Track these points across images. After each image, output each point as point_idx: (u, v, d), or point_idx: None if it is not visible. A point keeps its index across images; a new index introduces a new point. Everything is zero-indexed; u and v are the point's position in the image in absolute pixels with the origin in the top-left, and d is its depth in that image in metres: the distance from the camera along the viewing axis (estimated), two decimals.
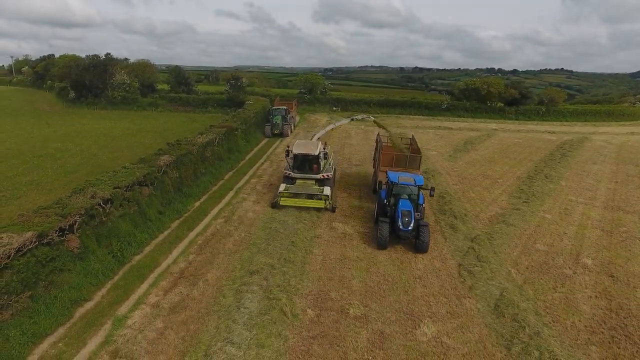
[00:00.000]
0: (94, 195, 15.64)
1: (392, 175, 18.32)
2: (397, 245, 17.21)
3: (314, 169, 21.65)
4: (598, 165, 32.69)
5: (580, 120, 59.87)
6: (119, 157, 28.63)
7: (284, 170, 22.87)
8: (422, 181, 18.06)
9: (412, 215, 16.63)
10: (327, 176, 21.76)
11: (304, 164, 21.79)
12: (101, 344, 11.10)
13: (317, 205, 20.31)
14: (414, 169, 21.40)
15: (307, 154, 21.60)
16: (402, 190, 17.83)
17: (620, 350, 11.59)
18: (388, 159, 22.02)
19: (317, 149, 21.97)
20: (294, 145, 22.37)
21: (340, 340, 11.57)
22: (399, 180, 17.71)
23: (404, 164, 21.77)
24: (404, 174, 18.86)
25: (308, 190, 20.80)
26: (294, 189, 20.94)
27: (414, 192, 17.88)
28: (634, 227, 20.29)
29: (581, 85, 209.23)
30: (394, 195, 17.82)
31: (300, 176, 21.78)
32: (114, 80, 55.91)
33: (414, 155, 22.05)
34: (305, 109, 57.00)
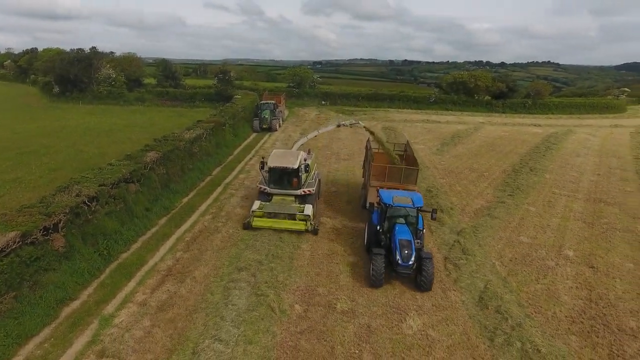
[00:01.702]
0: (79, 193, 15.50)
1: (386, 195, 15.41)
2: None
3: (294, 183, 18.83)
4: (581, 158, 33.27)
5: (566, 113, 60.65)
6: (105, 153, 28.30)
7: (258, 184, 19.90)
8: (421, 201, 15.11)
9: (412, 245, 13.91)
10: (309, 192, 19.02)
11: (281, 178, 18.98)
12: (88, 344, 11.09)
13: (296, 227, 17.55)
14: (411, 184, 18.32)
15: (285, 167, 18.64)
16: (397, 213, 15.09)
17: (599, 339, 11.94)
18: (379, 172, 18.90)
19: (297, 160, 18.80)
20: (270, 157, 19.37)
21: (328, 335, 11.73)
22: (393, 201, 14.91)
23: (398, 178, 18.52)
24: (399, 192, 16.01)
25: (286, 209, 18.06)
26: (270, 208, 18.19)
27: (412, 215, 15.12)
28: (614, 219, 20.76)
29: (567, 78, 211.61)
30: (388, 219, 15.06)
31: (278, 192, 19.08)
32: (100, 74, 55.06)
33: (410, 168, 18.80)
34: (294, 103, 56.81)
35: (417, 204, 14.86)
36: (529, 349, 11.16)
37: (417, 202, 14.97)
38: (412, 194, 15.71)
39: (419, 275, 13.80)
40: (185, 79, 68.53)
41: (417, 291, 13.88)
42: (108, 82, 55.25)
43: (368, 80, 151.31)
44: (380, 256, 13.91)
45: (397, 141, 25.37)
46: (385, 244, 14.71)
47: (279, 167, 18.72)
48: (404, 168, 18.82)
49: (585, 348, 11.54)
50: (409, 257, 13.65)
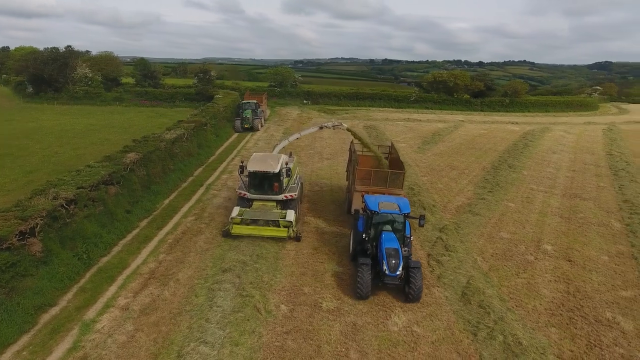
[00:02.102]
0: (57, 196, 15.10)
1: (371, 201, 14.76)
2: None
3: (275, 188, 18.08)
4: (557, 155, 34.18)
5: (542, 111, 62.24)
6: (82, 155, 27.65)
7: (237, 190, 19.11)
8: (408, 207, 14.53)
9: (400, 254, 13.21)
10: (291, 197, 18.26)
11: (262, 182, 18.21)
12: (68, 351, 10.81)
13: (278, 234, 16.85)
14: (397, 188, 17.80)
15: (265, 171, 17.85)
16: (384, 219, 14.39)
17: (577, 330, 12.30)
18: (364, 176, 18.25)
19: (278, 164, 18.00)
20: (249, 160, 18.43)
21: (314, 334, 11.74)
22: (379, 207, 14.24)
23: (384, 181, 17.92)
24: (385, 197, 15.39)
25: (267, 216, 17.25)
26: (250, 214, 17.33)
27: (398, 221, 14.40)
28: (589, 214, 21.42)
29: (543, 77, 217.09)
30: (374, 226, 14.36)
31: (258, 197, 18.28)
32: (76, 74, 53.69)
33: (396, 172, 18.12)
34: (276, 103, 56.63)
35: (404, 210, 14.24)
36: (511, 342, 11.42)
37: (404, 208, 14.35)
38: (398, 200, 15.10)
39: (407, 285, 13.17)
40: (164, 79, 67.55)
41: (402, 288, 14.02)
42: (84, 81, 53.96)
43: (349, 79, 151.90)
44: (366, 266, 13.19)
45: (381, 143, 25.46)
46: (371, 252, 13.99)
47: (259, 171, 17.90)
48: (390, 172, 18.07)
49: (565, 339, 11.87)
50: (396, 267, 12.96)
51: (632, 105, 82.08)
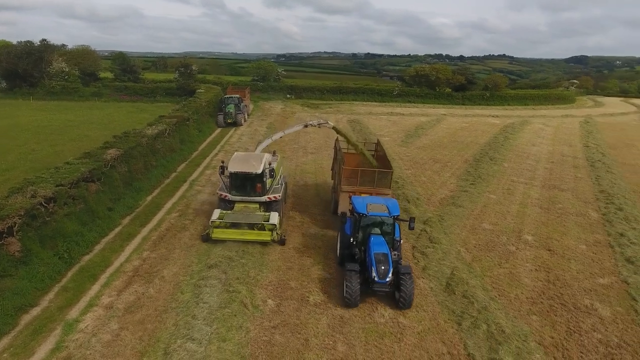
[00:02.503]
0: (35, 195, 14.72)
1: (359, 203, 14.09)
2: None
3: (258, 189, 17.33)
4: (537, 147, 34.94)
5: (521, 104, 63.39)
6: (61, 152, 26.96)
7: (217, 191, 18.20)
8: (397, 209, 13.89)
9: (389, 259, 12.65)
10: (275, 198, 17.55)
11: (244, 184, 17.41)
12: (51, 351, 10.59)
13: (261, 238, 16.05)
14: (385, 187, 17.30)
15: (248, 172, 17.07)
16: (372, 222, 13.80)
17: (557, 317, 12.67)
18: (351, 175, 17.63)
19: (261, 164, 17.21)
20: (230, 160, 17.67)
21: (302, 328, 11.79)
22: (368, 210, 13.61)
23: (371, 181, 17.36)
24: (373, 199, 14.75)
25: (250, 219, 16.43)
26: (232, 217, 16.47)
27: (388, 223, 13.86)
28: (568, 204, 22.00)
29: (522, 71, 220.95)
30: (362, 229, 13.75)
31: (240, 199, 17.51)
32: (52, 68, 52.14)
33: (383, 171, 17.58)
34: (259, 97, 56.17)
35: (393, 212, 13.61)
36: (494, 331, 11.69)
37: (394, 210, 13.71)
38: (387, 201, 14.47)
39: (398, 292, 12.58)
40: (144, 73, 66.24)
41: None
42: (61, 76, 52.45)
43: (332, 73, 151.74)
44: (354, 273, 12.51)
45: (365, 137, 25.31)
46: (359, 257, 13.35)
47: (240, 172, 17.09)
48: (377, 171, 17.49)
49: (545, 327, 12.22)
50: (385, 273, 12.38)
51: (607, 98, 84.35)
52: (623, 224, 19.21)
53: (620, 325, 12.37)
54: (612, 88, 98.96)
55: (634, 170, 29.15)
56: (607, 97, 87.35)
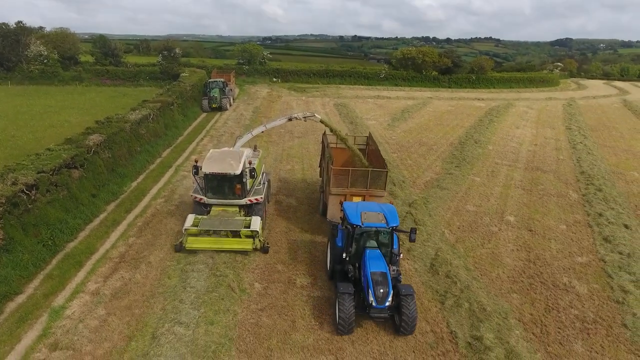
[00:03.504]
0: (16, 182, 14.45)
1: (352, 212, 12.19)
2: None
3: (237, 190, 15.54)
4: (521, 130, 35.39)
5: (506, 87, 63.92)
6: (41, 138, 26.37)
7: (191, 194, 16.18)
8: (396, 218, 12.04)
9: (388, 279, 11.01)
10: (257, 200, 15.78)
11: (221, 185, 15.55)
12: (38, 338, 10.59)
13: (241, 247, 14.40)
14: (379, 189, 15.43)
15: (225, 173, 15.11)
16: (367, 233, 12.13)
17: (537, 295, 13.09)
18: (341, 177, 15.43)
19: (240, 163, 15.24)
20: (205, 159, 15.74)
21: (289, 310, 11.98)
22: (363, 221, 11.77)
23: (363, 182, 15.37)
24: (368, 205, 12.95)
25: (228, 225, 14.74)
26: (208, 223, 14.71)
27: (385, 233, 12.16)
28: (549, 185, 22.48)
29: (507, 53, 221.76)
30: (356, 241, 12.05)
31: (217, 202, 15.74)
32: (29, 52, 50.49)
33: (378, 170, 15.55)
34: (245, 81, 55.46)
35: (391, 222, 11.84)
36: (476, 309, 12.04)
37: (392, 219, 11.94)
38: (384, 208, 12.65)
39: (398, 315, 10.96)
40: (126, 57, 64.60)
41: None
42: (40, 60, 50.87)
43: (319, 56, 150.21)
44: (348, 296, 10.86)
45: (352, 120, 24.64)
46: (353, 275, 11.80)
47: (216, 173, 15.13)
48: (371, 170, 15.43)
49: (525, 304, 12.63)
50: (384, 297, 10.74)
51: (589, 80, 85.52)
52: (602, 204, 19.74)
53: (596, 301, 12.85)
54: (595, 71, 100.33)
55: (614, 152, 29.82)
56: (590, 79, 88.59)
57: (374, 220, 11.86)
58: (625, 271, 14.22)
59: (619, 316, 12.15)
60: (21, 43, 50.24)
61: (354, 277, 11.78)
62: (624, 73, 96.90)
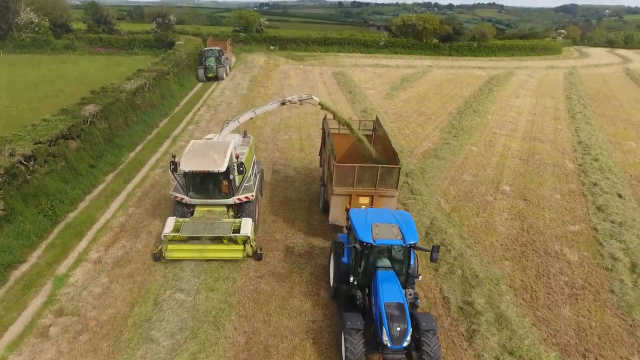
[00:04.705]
0: (13, 153, 14.49)
1: (361, 224, 10.10)
2: None
3: (223, 187, 13.39)
4: (520, 99, 35.09)
5: (508, 55, 62.81)
6: (36, 109, 26.12)
7: (171, 192, 13.93)
8: (415, 233, 9.94)
9: (406, 313, 9.06)
10: (247, 198, 13.68)
11: (204, 184, 13.44)
12: (44, 305, 10.95)
13: (230, 256, 12.59)
14: (390, 187, 13.03)
15: (207, 171, 12.89)
16: (379, 251, 10.08)
17: (528, 262, 13.43)
18: (345, 174, 12.84)
19: (225, 158, 12.90)
20: (184, 153, 13.24)
21: (286, 277, 12.32)
22: (374, 236, 9.72)
23: (371, 181, 12.91)
24: (380, 214, 10.69)
25: (215, 230, 12.75)
26: (190, 228, 12.73)
27: (400, 251, 10.12)
28: (546, 155, 22.55)
29: (510, 20, 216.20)
30: (365, 258, 9.96)
31: (201, 201, 13.68)
32: (19, 19, 49.14)
33: (388, 167, 12.94)
34: (241, 49, 54.36)
35: (409, 239, 9.73)
36: (469, 275, 12.38)
37: (409, 235, 9.82)
38: (398, 217, 10.58)
39: (417, 352, 9.07)
40: (119, 24, 62.99)
41: None
42: (31, 28, 49.56)
43: (317, 22, 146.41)
44: (356, 333, 8.97)
45: (351, 90, 23.63)
46: (362, 302, 9.91)
47: (197, 171, 12.97)
48: (380, 167, 12.85)
49: (517, 271, 12.98)
50: (402, 336, 8.85)
51: (592, 48, 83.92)
52: (597, 174, 19.88)
53: (585, 268, 13.21)
54: (599, 38, 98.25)
55: (612, 121, 29.73)
56: (593, 47, 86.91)
57: (387, 236, 9.80)
58: (616, 239, 14.52)
59: (607, 282, 12.53)
60: (11, 10, 48.82)
61: (362, 303, 9.91)
62: (628, 41, 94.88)
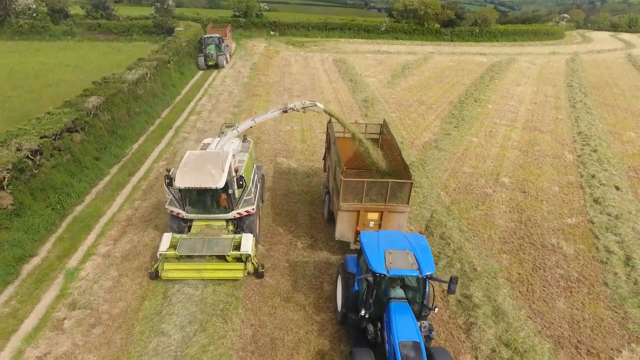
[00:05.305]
0: (20, 147, 14.71)
1: (373, 251, 9.33)
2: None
3: (222, 201, 12.54)
4: (521, 87, 35.05)
5: (510, 40, 62.32)
6: (38, 99, 26.18)
7: (167, 206, 13.00)
8: (431, 263, 9.17)
9: (423, 353, 8.38)
10: (248, 212, 12.89)
11: (201, 199, 12.65)
12: (57, 298, 11.34)
13: (231, 276, 12.00)
14: (401, 203, 12.17)
15: (204, 188, 12.03)
16: (393, 281, 9.41)
17: (525, 255, 13.80)
18: (353, 189, 12.00)
19: (223, 172, 12.04)
20: (179, 167, 12.34)
21: (291, 271, 12.69)
22: (388, 265, 8.97)
23: (381, 195, 12.09)
24: (392, 238, 9.88)
25: (214, 247, 12.06)
26: (188, 246, 12.03)
27: (414, 283, 9.49)
28: (546, 146, 22.75)
29: (513, 2, 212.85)
30: (377, 287, 9.27)
31: (199, 216, 12.84)
32: (17, 5, 48.53)
33: (399, 182, 12.00)
34: (241, 34, 53.85)
35: (425, 269, 8.96)
36: (467, 269, 12.76)
37: (426, 265, 9.05)
38: (412, 242, 9.73)
39: None
40: (117, 8, 62.13)
41: None
42: (28, 14, 48.99)
43: (318, 5, 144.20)
44: None
45: (351, 78, 23.29)
46: (373, 337, 9.27)
47: (193, 188, 12.05)
48: (391, 182, 11.88)
49: (514, 264, 13.35)
50: None
51: (595, 32, 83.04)
52: (595, 166, 20.12)
53: (581, 261, 13.58)
54: (603, 22, 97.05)
55: (613, 110, 29.80)
56: (596, 31, 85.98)
57: (402, 265, 9.05)
58: (612, 232, 14.87)
59: (602, 275, 12.92)
60: None
61: (374, 338, 9.26)
62: (631, 24, 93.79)
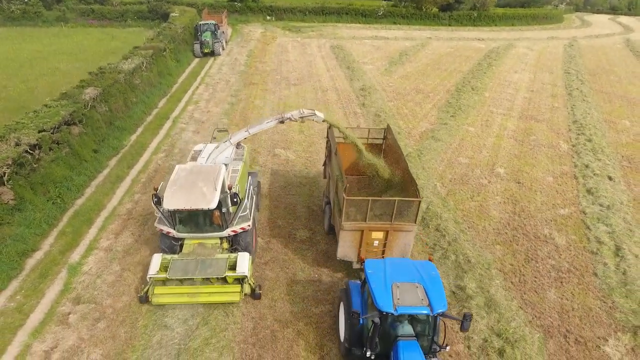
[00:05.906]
0: (19, 142, 14.78)
1: (379, 286, 8.64)
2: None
3: (215, 219, 11.69)
4: (518, 74, 35.02)
5: (508, 25, 61.91)
6: (34, 88, 26.07)
7: (156, 224, 12.12)
8: (443, 300, 8.43)
9: None
10: (244, 229, 12.12)
11: (193, 217, 11.74)
12: (61, 293, 11.60)
13: (226, 299, 11.19)
14: (408, 222, 11.28)
15: (194, 209, 11.11)
16: (401, 318, 8.65)
17: (518, 246, 14.13)
18: (356, 207, 11.12)
19: (216, 191, 11.19)
20: (167, 185, 11.40)
21: (290, 263, 12.98)
22: (396, 303, 8.23)
23: (386, 214, 11.17)
24: (400, 268, 9.21)
25: (206, 269, 11.18)
26: (180, 268, 11.12)
27: (424, 321, 8.76)
28: (541, 135, 22.93)
29: None
30: (384, 323, 8.56)
31: (190, 235, 11.95)
32: None
33: (407, 200, 11.10)
34: (237, 20, 53.22)
35: (437, 307, 8.23)
36: (461, 260, 13.09)
37: (438, 302, 8.31)
38: (422, 273, 9.04)
39: None
40: None
41: None
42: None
43: None
44: None
45: (349, 65, 22.98)
46: None
47: (184, 209, 11.14)
48: (398, 201, 10.94)
49: (507, 255, 13.69)
50: None
51: (594, 16, 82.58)
52: (589, 156, 20.37)
53: (572, 252, 13.93)
54: (602, 4, 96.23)
55: (609, 98, 29.92)
56: (596, 14, 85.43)
57: (412, 301, 8.30)
58: (603, 223, 15.20)
59: (591, 266, 13.29)
60: None
61: None
62: (631, 7, 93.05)
